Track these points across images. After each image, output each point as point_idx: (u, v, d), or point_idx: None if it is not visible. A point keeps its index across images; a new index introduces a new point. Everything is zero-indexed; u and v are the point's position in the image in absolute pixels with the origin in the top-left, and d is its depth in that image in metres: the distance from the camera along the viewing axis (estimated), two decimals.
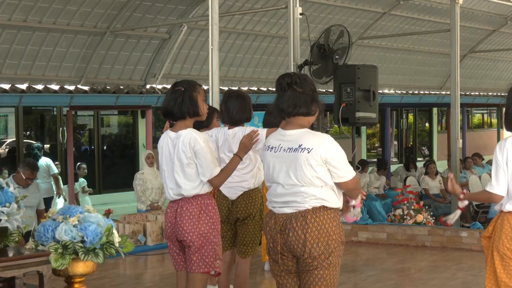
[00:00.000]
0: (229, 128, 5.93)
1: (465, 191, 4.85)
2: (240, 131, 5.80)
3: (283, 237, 4.13)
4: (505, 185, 4.39)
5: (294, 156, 4.10)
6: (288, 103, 4.14)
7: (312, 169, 4.06)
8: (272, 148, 4.23)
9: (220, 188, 5.54)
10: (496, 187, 4.43)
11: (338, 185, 4.14)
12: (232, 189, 5.75)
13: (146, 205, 11.00)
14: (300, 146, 4.09)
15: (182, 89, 4.85)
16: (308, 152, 4.05)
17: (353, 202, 4.16)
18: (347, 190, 4.19)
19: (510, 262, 4.36)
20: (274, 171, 4.21)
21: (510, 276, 4.38)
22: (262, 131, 5.51)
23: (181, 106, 4.83)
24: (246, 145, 4.94)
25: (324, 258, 4.09)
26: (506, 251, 4.34)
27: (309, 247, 4.06)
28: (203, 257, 4.83)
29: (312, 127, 4.41)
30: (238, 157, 4.96)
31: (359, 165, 13.87)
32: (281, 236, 4.15)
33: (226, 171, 4.91)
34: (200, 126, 5.18)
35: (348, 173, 4.10)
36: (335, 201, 4.16)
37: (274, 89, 16.28)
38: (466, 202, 4.83)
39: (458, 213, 5.27)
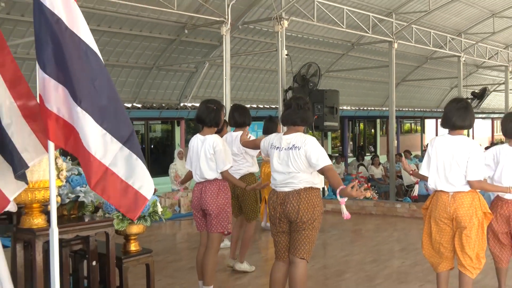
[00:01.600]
0: (234, 131, 5.96)
1: (414, 169, 4.89)
2: (240, 135, 5.83)
3: (282, 208, 4.16)
4: (429, 169, 4.41)
5: (290, 153, 4.15)
6: (300, 118, 4.24)
7: (302, 160, 4.10)
8: (277, 147, 4.25)
9: None
10: (426, 170, 4.45)
11: (319, 171, 4.10)
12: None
13: (178, 187, 10.99)
14: (293, 145, 4.16)
15: (215, 108, 4.86)
16: (298, 150, 4.12)
17: (339, 198, 3.97)
18: (324, 175, 4.12)
19: (442, 226, 4.35)
20: (278, 163, 4.22)
21: (441, 235, 4.38)
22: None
23: (212, 119, 4.85)
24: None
25: (310, 222, 4.12)
26: (441, 218, 4.33)
27: (301, 214, 4.09)
28: (220, 221, 4.83)
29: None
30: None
31: None
32: (280, 207, 4.17)
33: (230, 178, 4.90)
34: (217, 132, 5.18)
35: (318, 163, 4.04)
36: (320, 182, 4.23)
37: (268, 106, 16.27)
38: (416, 179, 4.91)
39: (416, 186, 5.44)
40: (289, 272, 4.18)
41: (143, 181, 2.69)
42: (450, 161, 4.27)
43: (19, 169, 2.71)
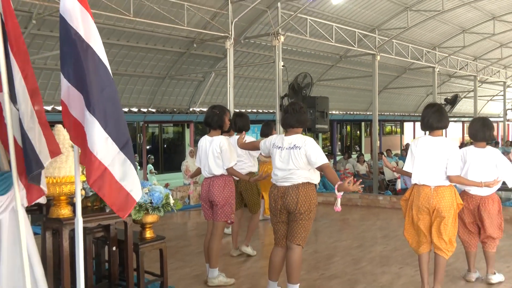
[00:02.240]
0: (236, 135, 5.94)
1: (395, 166, 4.89)
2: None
3: (283, 200, 4.14)
4: (412, 166, 4.39)
5: (292, 152, 4.12)
6: (297, 120, 4.20)
7: (301, 158, 4.09)
8: (279, 147, 4.23)
9: None
10: (410, 167, 4.43)
11: (317, 168, 4.10)
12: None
13: (188, 181, 10.97)
14: (294, 145, 4.13)
15: (218, 112, 4.86)
16: (299, 149, 4.10)
17: (337, 192, 3.97)
18: (323, 172, 4.11)
19: (423, 214, 4.35)
20: (279, 161, 4.19)
21: (423, 222, 4.37)
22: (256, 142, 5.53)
23: (216, 122, 4.85)
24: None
25: (307, 213, 4.11)
26: (422, 206, 4.33)
27: (299, 206, 4.08)
28: (224, 212, 4.82)
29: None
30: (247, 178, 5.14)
31: None
32: (281, 199, 4.16)
33: (235, 173, 4.89)
34: (224, 133, 5.18)
35: (317, 161, 4.04)
36: (316, 178, 4.20)
37: (267, 111, 16.26)
38: (398, 175, 4.90)
39: (399, 181, 5.43)
40: (286, 256, 4.18)
41: (133, 185, 2.68)
42: (433, 159, 4.29)
43: (35, 169, 2.69)
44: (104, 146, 2.58)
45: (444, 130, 4.47)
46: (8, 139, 2.72)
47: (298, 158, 4.08)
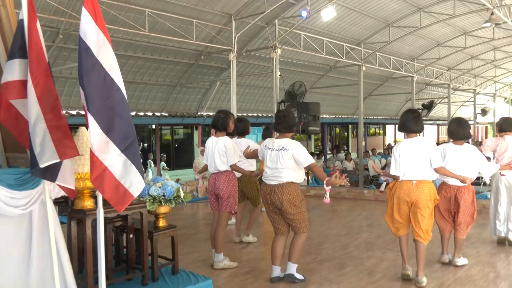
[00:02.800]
0: (237, 138, 5.91)
1: (384, 170, 4.87)
2: (243, 141, 5.78)
3: (270, 197, 4.17)
4: (398, 169, 4.33)
5: (280, 153, 4.13)
6: (283, 126, 4.22)
7: (289, 160, 4.09)
8: (270, 148, 4.24)
9: None
10: (395, 171, 4.38)
11: (305, 168, 4.09)
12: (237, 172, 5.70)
13: (198, 176, 10.95)
14: (283, 147, 4.14)
15: (222, 116, 4.85)
16: (286, 151, 4.10)
17: (325, 187, 3.98)
18: (311, 171, 4.11)
19: (402, 206, 4.35)
20: (269, 160, 4.20)
21: (400, 213, 4.38)
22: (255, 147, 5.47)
23: (221, 124, 4.84)
24: None
25: (293, 208, 4.14)
26: (402, 199, 4.33)
27: (284, 204, 4.11)
28: (229, 203, 4.81)
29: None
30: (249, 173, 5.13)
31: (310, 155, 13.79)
32: (269, 196, 4.18)
33: (238, 169, 4.88)
34: (228, 134, 5.17)
35: (305, 161, 4.05)
36: (300, 178, 4.19)
37: (266, 115, 16.24)
38: (386, 178, 4.82)
39: (384, 184, 5.35)
40: (292, 239, 4.25)
41: (132, 183, 2.64)
42: (415, 157, 4.29)
43: (33, 166, 2.64)
44: (104, 149, 2.56)
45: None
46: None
47: (285, 159, 4.08)
